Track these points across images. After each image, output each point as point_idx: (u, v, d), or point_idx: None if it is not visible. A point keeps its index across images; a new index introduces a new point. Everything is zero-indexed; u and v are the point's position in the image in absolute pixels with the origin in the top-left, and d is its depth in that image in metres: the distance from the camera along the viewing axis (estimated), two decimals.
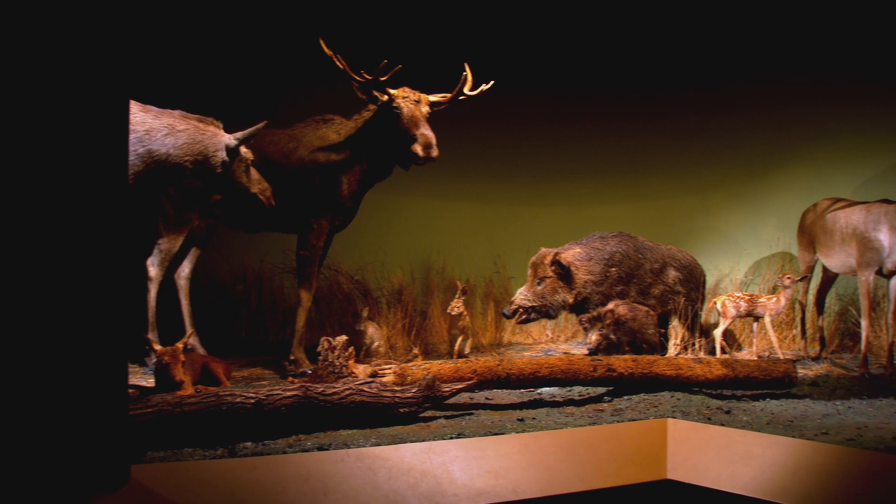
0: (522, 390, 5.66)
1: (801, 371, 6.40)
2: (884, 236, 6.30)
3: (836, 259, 6.75)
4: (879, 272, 6.44)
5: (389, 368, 5.35)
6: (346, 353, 5.36)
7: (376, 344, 6.96)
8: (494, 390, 5.57)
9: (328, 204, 6.46)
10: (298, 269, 6.59)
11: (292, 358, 6.44)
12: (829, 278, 7.31)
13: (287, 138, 6.53)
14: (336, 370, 5.28)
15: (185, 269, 6.77)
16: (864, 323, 6.50)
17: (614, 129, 9.39)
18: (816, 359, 7.05)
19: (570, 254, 6.88)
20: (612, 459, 4.38)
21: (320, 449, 3.99)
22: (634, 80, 9.25)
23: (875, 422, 4.80)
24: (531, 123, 9.32)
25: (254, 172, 5.86)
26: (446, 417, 4.83)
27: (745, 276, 8.41)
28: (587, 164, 9.46)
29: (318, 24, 6.46)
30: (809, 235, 7.09)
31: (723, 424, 4.64)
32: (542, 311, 6.84)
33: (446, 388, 4.83)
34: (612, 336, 6.49)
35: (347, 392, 4.53)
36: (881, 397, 5.52)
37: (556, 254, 6.81)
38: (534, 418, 4.84)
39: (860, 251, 6.42)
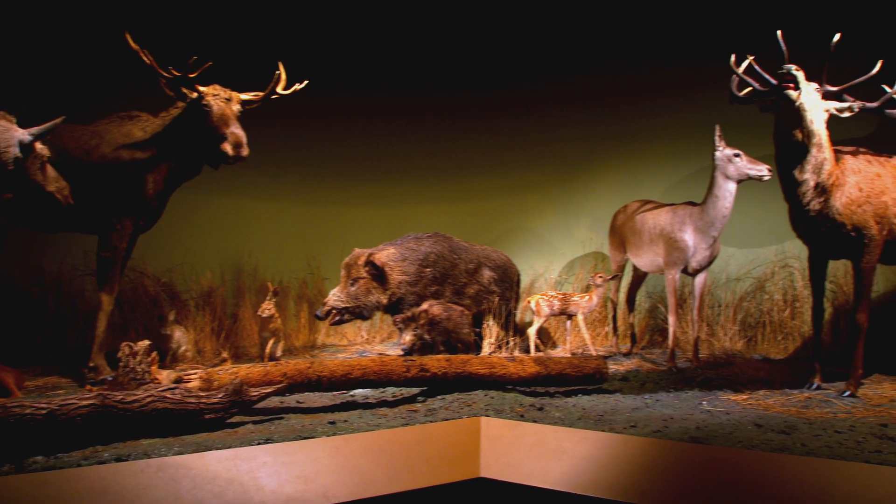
0: (335, 393, 5.49)
1: (613, 367, 6.56)
2: (689, 237, 6.53)
3: (645, 258, 6.95)
4: (685, 271, 6.68)
5: (195, 373, 5.05)
6: (149, 359, 5.01)
7: (183, 348, 6.69)
8: (306, 393, 5.37)
9: (132, 203, 6.10)
10: (99, 271, 6.17)
11: (91, 365, 6.02)
12: (638, 277, 7.53)
13: (89, 135, 6.10)
14: (137, 377, 4.92)
15: None
16: (671, 319, 6.72)
17: (431, 129, 9.40)
18: (627, 354, 7.25)
19: (385, 254, 6.79)
20: (425, 460, 4.31)
21: (118, 460, 3.73)
22: (451, 81, 9.29)
23: (680, 413, 4.94)
24: (347, 123, 9.21)
25: (50, 170, 5.41)
26: (255, 423, 4.63)
27: (559, 275, 8.59)
28: (403, 165, 9.43)
29: (126, 18, 6.06)
30: (620, 236, 7.28)
31: (535, 421, 4.66)
32: (356, 313, 6.72)
33: (254, 392, 4.65)
34: (427, 336, 6.43)
35: (149, 399, 4.29)
36: (687, 389, 5.71)
37: (370, 254, 6.70)
38: (346, 421, 4.71)
39: (667, 251, 6.63)
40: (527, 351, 6.92)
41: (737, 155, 6.28)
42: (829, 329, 7.06)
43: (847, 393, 5.48)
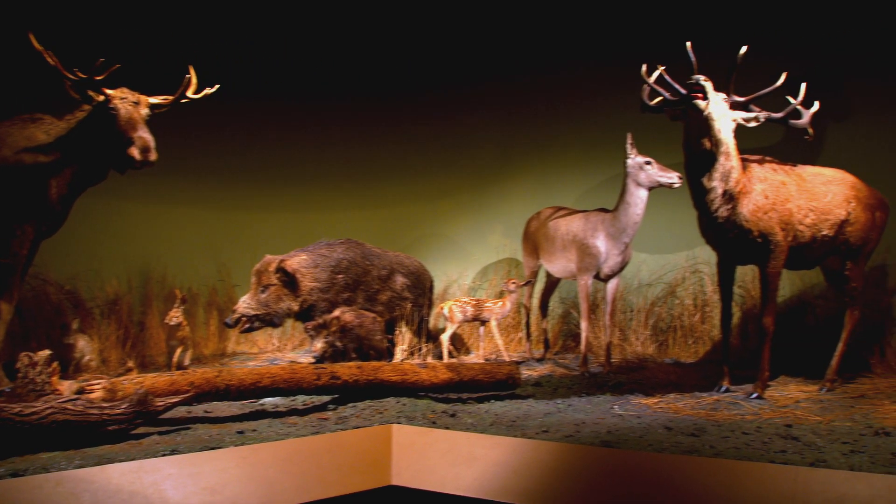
0: (244, 402, 5.35)
1: (526, 372, 6.57)
2: (601, 243, 6.60)
3: (558, 264, 6.99)
4: (597, 276, 6.74)
5: (99, 384, 4.85)
6: (49, 369, 4.80)
7: (87, 358, 6.45)
8: (214, 403, 5.23)
9: (34, 208, 5.84)
10: None
11: None
12: (552, 283, 7.57)
13: None
14: (37, 388, 4.71)
15: None
16: (583, 324, 6.77)
17: (345, 135, 9.33)
18: (541, 360, 7.28)
19: (296, 261, 6.69)
20: (336, 468, 4.28)
21: (15, 475, 3.56)
22: (365, 87, 9.24)
23: (592, 418, 4.97)
24: (259, 128, 9.07)
25: None
26: (160, 434, 4.48)
27: (473, 281, 8.58)
28: (316, 170, 9.33)
29: (32, 19, 5.82)
30: (533, 242, 7.31)
31: (447, 428, 4.62)
32: (266, 320, 6.61)
33: (160, 402, 4.50)
34: (339, 343, 6.37)
35: (49, 411, 4.13)
36: (599, 394, 5.76)
37: (281, 261, 6.59)
38: (254, 430, 4.59)
39: (579, 257, 6.68)
40: (440, 357, 6.88)
41: (648, 163, 6.37)
42: (738, 333, 7.22)
43: (754, 395, 5.60)
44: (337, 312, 6.54)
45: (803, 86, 5.68)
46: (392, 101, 9.24)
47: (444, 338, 6.88)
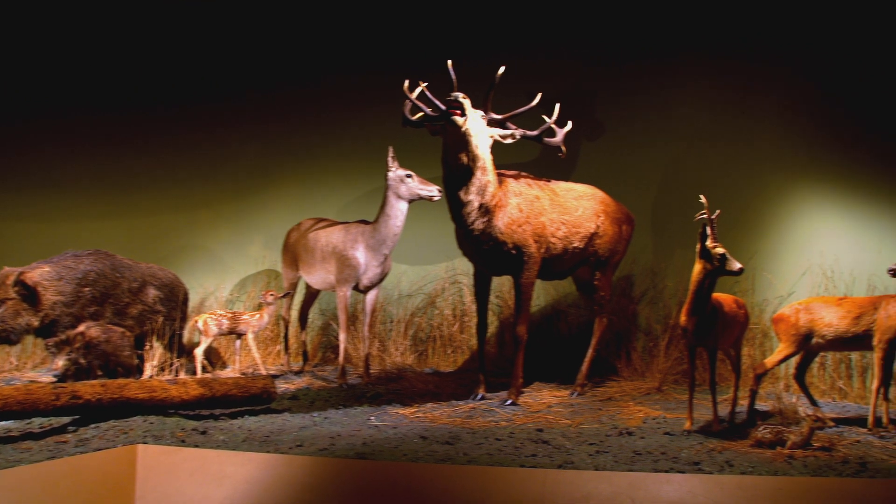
0: None
1: (283, 385, 6.43)
2: (360, 254, 6.58)
3: (318, 276, 6.90)
4: (357, 288, 6.71)
5: None
6: None
7: None
8: None
9: None
10: None
11: None
12: (311, 294, 7.46)
13: None
14: None
15: None
16: (342, 336, 6.71)
17: (95, 141, 8.83)
18: (299, 372, 7.14)
19: (37, 273, 6.17)
20: (74, 494, 4.03)
21: None
22: (119, 93, 8.77)
23: (348, 430, 4.92)
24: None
25: None
26: None
27: (231, 293, 8.30)
28: (63, 177, 8.78)
29: None
30: (293, 253, 7.18)
31: (197, 446, 4.45)
32: (2, 337, 6.03)
33: None
34: (83, 360, 5.92)
35: None
36: (356, 406, 5.73)
37: (21, 273, 6.05)
38: None
39: (339, 268, 6.62)
40: (193, 372, 6.57)
41: (409, 176, 6.43)
42: (496, 341, 7.45)
43: (509, 402, 5.76)
44: (81, 327, 6.09)
45: (557, 106, 5.99)
46: (147, 108, 8.81)
47: (199, 352, 6.58)
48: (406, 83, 5.75)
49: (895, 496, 3.77)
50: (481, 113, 5.71)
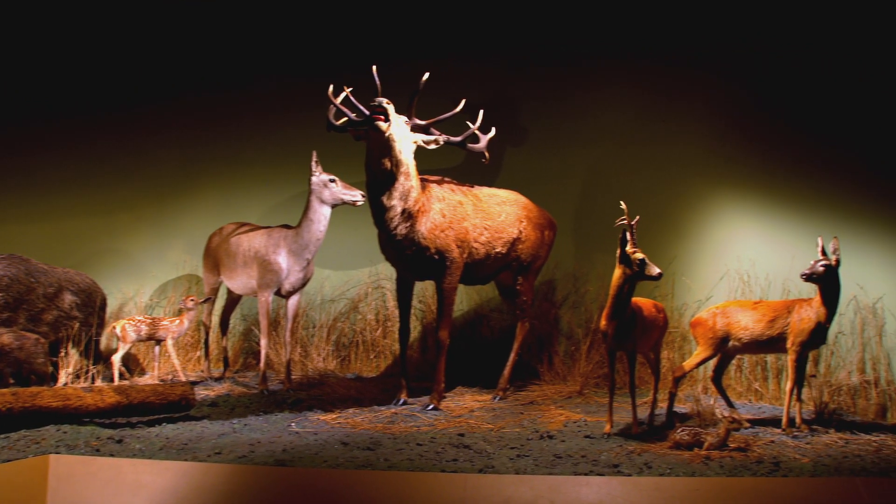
0: None
1: (203, 392, 6.33)
2: (282, 259, 6.52)
3: (239, 281, 6.81)
4: (279, 293, 6.64)
5: None
6: None
7: None
8: None
9: None
10: None
11: None
12: (233, 300, 7.36)
13: None
14: None
15: None
16: (263, 341, 6.63)
17: (7, 143, 8.55)
18: (220, 379, 7.02)
19: None
20: None
21: None
22: (36, 95, 8.62)
23: (268, 437, 4.88)
24: None
25: None
26: None
27: (151, 298, 8.12)
28: None
29: None
30: (214, 258, 7.07)
31: (112, 455, 4.37)
32: None
33: None
34: None
35: None
36: (277, 412, 5.67)
37: None
38: None
39: (261, 273, 6.55)
40: (111, 379, 6.43)
41: (332, 180, 6.40)
42: (418, 346, 7.46)
43: (431, 406, 5.78)
44: None
45: (481, 112, 6.05)
46: (64, 109, 8.58)
47: (116, 358, 6.44)
48: (331, 88, 5.76)
49: (808, 494, 3.90)
50: (405, 118, 5.74)
